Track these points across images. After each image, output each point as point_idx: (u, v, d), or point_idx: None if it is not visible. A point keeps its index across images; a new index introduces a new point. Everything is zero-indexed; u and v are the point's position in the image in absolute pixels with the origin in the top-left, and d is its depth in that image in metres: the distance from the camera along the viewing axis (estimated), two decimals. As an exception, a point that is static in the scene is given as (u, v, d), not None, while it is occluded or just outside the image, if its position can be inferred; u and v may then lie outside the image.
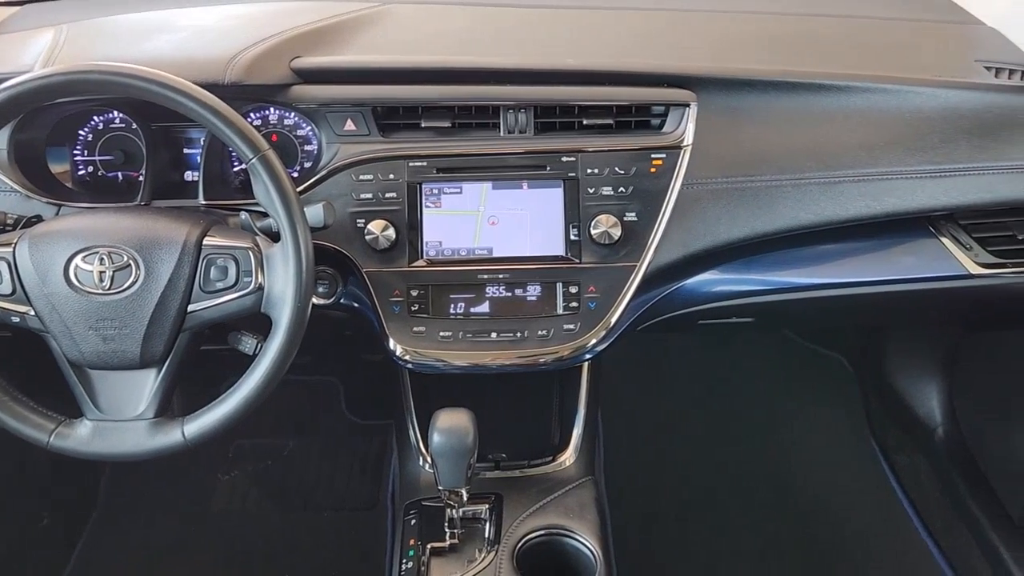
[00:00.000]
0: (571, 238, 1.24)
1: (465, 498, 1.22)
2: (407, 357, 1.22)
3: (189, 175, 1.32)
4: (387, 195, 1.23)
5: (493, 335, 1.23)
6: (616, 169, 1.24)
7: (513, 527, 1.28)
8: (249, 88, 1.20)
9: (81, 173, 1.31)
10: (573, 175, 1.25)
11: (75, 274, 1.04)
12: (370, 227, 1.22)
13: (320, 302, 1.24)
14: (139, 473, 1.97)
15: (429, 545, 1.24)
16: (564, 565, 1.28)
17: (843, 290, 1.36)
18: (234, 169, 1.31)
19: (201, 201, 1.23)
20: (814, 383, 2.25)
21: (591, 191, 1.24)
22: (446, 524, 1.24)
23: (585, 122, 1.27)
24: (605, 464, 1.57)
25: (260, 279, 1.06)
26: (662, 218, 1.24)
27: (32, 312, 1.05)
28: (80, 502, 1.93)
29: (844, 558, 1.84)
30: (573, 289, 1.24)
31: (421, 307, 1.23)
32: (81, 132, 1.30)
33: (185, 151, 1.31)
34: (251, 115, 1.27)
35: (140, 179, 1.26)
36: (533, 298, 1.24)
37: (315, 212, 1.10)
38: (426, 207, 1.24)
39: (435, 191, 1.25)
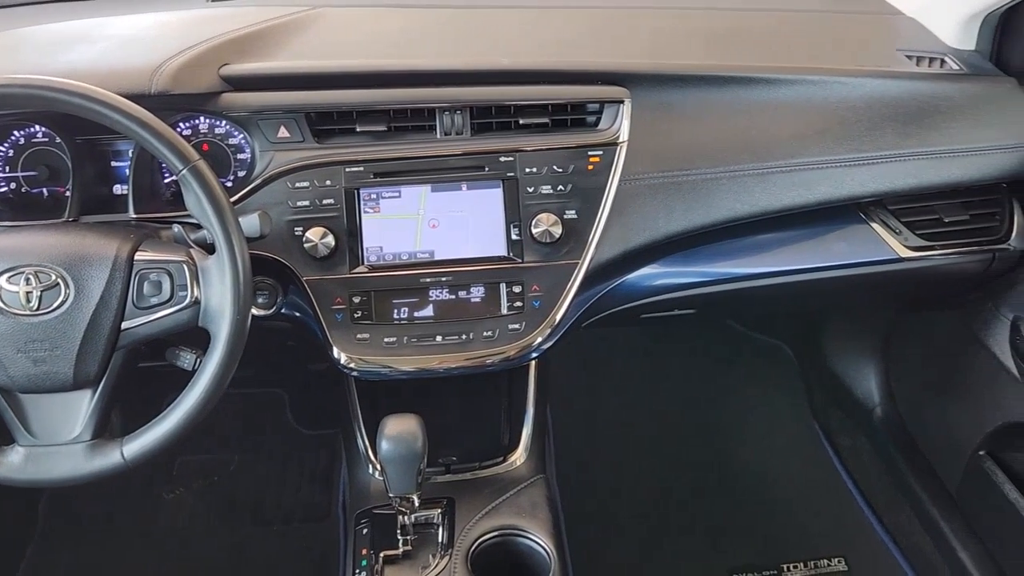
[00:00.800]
0: (512, 238, 1.24)
1: (416, 504, 1.21)
2: (352, 365, 1.21)
3: (118, 189, 1.28)
4: (324, 202, 1.22)
5: (438, 338, 1.22)
6: (554, 167, 1.25)
7: (466, 530, 1.27)
8: (177, 97, 1.17)
9: (3, 190, 1.27)
10: (512, 175, 1.25)
11: (0, 295, 1.00)
12: (308, 235, 1.20)
13: (260, 313, 1.22)
14: (80, 496, 1.91)
15: (382, 553, 1.23)
16: (519, 565, 1.28)
17: (780, 278, 1.39)
18: (165, 181, 1.27)
19: (132, 215, 1.20)
20: (757, 370, 2.30)
21: (530, 190, 1.25)
22: (398, 531, 1.23)
23: (521, 121, 1.27)
24: (557, 461, 1.58)
25: (196, 293, 1.04)
26: (601, 215, 1.25)
27: None
28: (18, 526, 1.87)
29: (793, 539, 1.88)
30: (517, 289, 1.24)
31: (364, 314, 1.22)
32: (1, 148, 1.26)
33: (113, 164, 1.27)
34: (181, 125, 1.24)
35: (67, 194, 1.22)
36: (477, 299, 1.24)
37: (250, 222, 1.08)
38: (365, 212, 1.23)
39: (373, 196, 1.24)
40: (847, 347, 2.06)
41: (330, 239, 1.20)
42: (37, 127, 1.25)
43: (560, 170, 1.25)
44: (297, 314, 1.25)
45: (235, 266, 1.01)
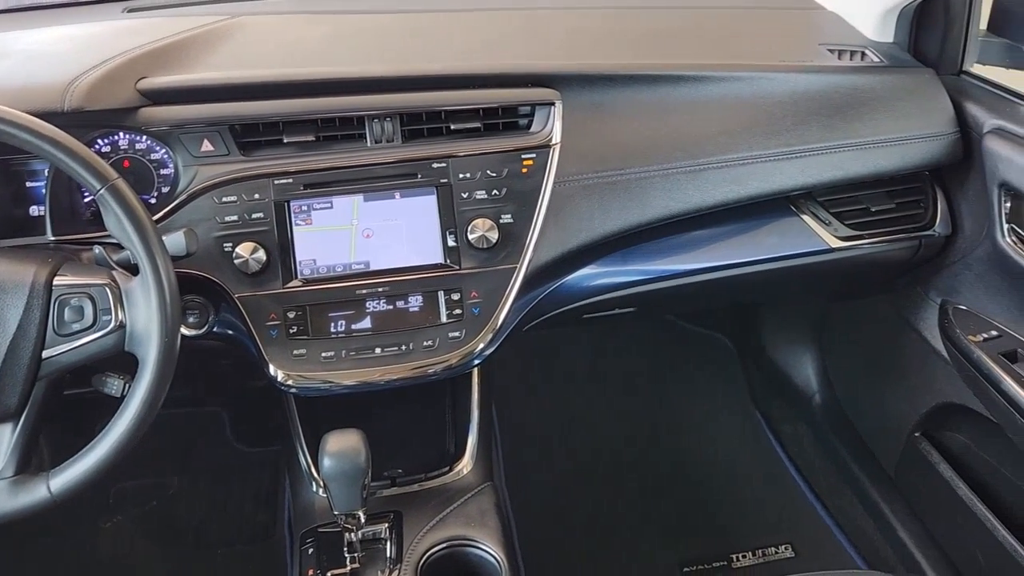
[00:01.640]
0: (449, 245, 1.23)
1: (363, 520, 1.19)
2: (290, 382, 1.18)
3: (35, 210, 1.22)
4: (254, 216, 1.19)
5: (377, 350, 1.20)
6: (488, 172, 1.24)
7: (415, 543, 1.25)
8: (93, 114, 1.13)
9: (-91, 217, 1.20)
10: (445, 181, 1.23)
11: (-91, 328, 0.95)
12: (238, 250, 1.17)
13: (190, 333, 1.18)
14: (9, 532, 1.83)
15: (329, 573, 1.20)
16: (470, 575, 1.27)
17: (717, 273, 1.40)
18: (85, 200, 1.22)
19: (49, 237, 1.15)
20: (698, 363, 2.32)
21: (465, 196, 1.23)
22: (345, 549, 1.20)
23: (453, 127, 1.25)
24: (505, 467, 1.57)
25: (121, 316, 0.99)
26: (537, 218, 1.24)
27: None
28: None
29: (741, 528, 1.90)
30: (455, 296, 1.22)
31: (300, 329, 1.19)
32: (-95, 172, 1.19)
33: (28, 184, 1.22)
34: (99, 142, 1.19)
35: None
36: (416, 309, 1.22)
37: (175, 240, 1.05)
38: (296, 225, 1.20)
39: (304, 208, 1.21)
40: (784, 337, 2.10)
41: (261, 254, 1.17)
42: None
43: (494, 174, 1.24)
44: (230, 332, 1.22)
45: (161, 287, 0.98)
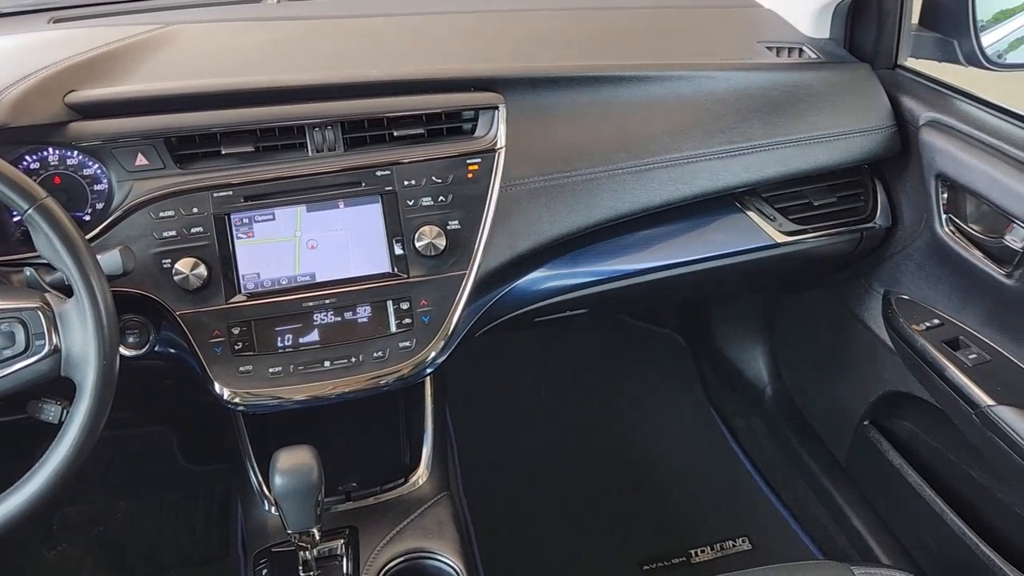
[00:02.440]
0: (396, 253, 1.21)
1: (318, 537, 1.16)
2: (237, 399, 1.15)
3: (-40, 232, 1.17)
4: (193, 231, 1.15)
5: (326, 364, 1.17)
6: (433, 178, 1.22)
7: (372, 558, 1.23)
8: (19, 130, 1.09)
9: None
10: (390, 188, 1.21)
11: None
12: (178, 266, 1.13)
13: (130, 353, 1.14)
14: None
15: (285, 593, 1.18)
16: (430, 587, 1.25)
17: (666, 272, 1.41)
18: (14, 220, 1.18)
19: None
20: (650, 360, 2.33)
21: (411, 203, 1.21)
22: (300, 568, 1.18)
23: (396, 133, 1.23)
24: (463, 476, 1.55)
25: (55, 340, 0.95)
26: (485, 223, 1.23)
27: None
28: None
29: (699, 523, 1.92)
30: (404, 305, 1.20)
31: (245, 344, 1.16)
32: None
33: None
34: (26, 159, 1.15)
35: None
36: (364, 319, 1.20)
37: (111, 259, 1.01)
38: (238, 239, 1.17)
39: (246, 220, 1.18)
40: (734, 331, 2.12)
41: (202, 269, 1.14)
42: None
43: (439, 180, 1.22)
44: (172, 351, 1.18)
45: (96, 308, 0.94)
